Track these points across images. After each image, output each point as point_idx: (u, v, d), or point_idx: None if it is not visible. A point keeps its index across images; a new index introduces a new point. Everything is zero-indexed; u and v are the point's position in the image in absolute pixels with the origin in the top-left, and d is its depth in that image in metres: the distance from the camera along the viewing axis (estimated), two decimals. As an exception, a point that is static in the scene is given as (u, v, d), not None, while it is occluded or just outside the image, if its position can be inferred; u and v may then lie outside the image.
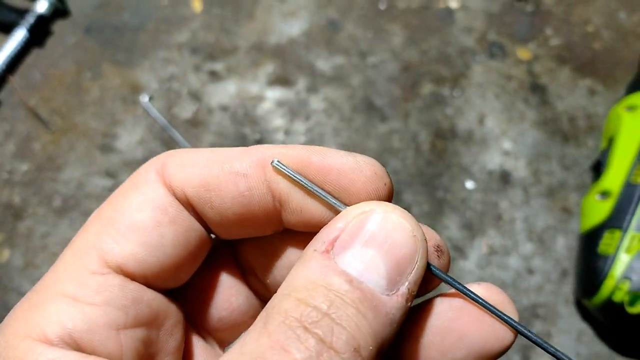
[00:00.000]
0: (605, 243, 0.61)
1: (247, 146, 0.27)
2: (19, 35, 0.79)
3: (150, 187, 0.26)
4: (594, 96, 0.78)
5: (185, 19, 0.82)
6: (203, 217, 0.27)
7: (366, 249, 0.22)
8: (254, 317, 0.31)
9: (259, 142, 0.73)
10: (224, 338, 0.31)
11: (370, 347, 0.21)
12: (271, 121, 0.75)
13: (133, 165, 0.72)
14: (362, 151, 0.72)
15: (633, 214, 0.61)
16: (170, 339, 0.26)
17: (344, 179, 0.25)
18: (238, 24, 0.82)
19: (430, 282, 0.27)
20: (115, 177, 0.71)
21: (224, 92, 0.77)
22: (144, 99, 0.76)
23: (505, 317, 0.25)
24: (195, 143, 0.73)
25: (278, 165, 0.25)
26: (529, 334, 0.25)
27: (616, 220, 0.62)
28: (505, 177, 0.72)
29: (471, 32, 0.82)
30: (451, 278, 0.25)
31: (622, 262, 0.59)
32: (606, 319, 0.61)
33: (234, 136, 0.74)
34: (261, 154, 0.26)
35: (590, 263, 0.62)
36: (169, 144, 0.73)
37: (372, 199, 0.25)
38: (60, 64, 0.79)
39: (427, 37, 0.82)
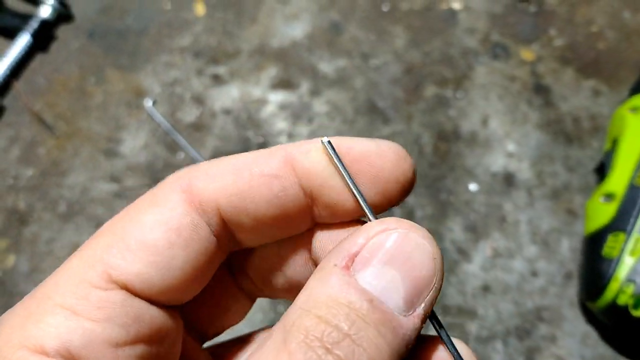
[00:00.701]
0: (610, 246, 0.61)
1: (251, 150, 0.27)
2: (23, 40, 0.79)
3: (168, 206, 0.25)
4: (598, 97, 0.77)
5: (188, 22, 0.82)
6: (236, 228, 0.27)
7: (387, 268, 0.22)
8: (239, 314, 0.31)
9: (262, 145, 0.73)
10: (210, 334, 0.31)
11: None
12: (274, 124, 0.75)
13: (137, 169, 0.72)
14: (365, 154, 0.72)
15: (637, 216, 0.61)
16: (169, 355, 0.26)
17: (372, 167, 0.25)
18: (241, 27, 0.82)
19: None
20: (119, 181, 0.72)
21: (227, 96, 0.77)
22: (148, 103, 0.76)
23: None
24: (198, 147, 0.74)
25: (328, 145, 0.25)
26: None
27: (620, 222, 0.62)
28: (509, 179, 0.72)
29: (474, 33, 0.82)
30: (444, 330, 0.26)
31: (626, 265, 0.59)
32: (610, 321, 0.61)
33: (237, 140, 0.74)
34: (286, 152, 0.26)
35: (594, 266, 0.62)
36: (173, 148, 0.74)
37: (401, 183, 0.26)
38: (64, 68, 0.79)
39: (430, 38, 0.82)
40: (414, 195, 0.71)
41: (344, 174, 0.25)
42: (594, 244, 0.63)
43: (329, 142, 0.25)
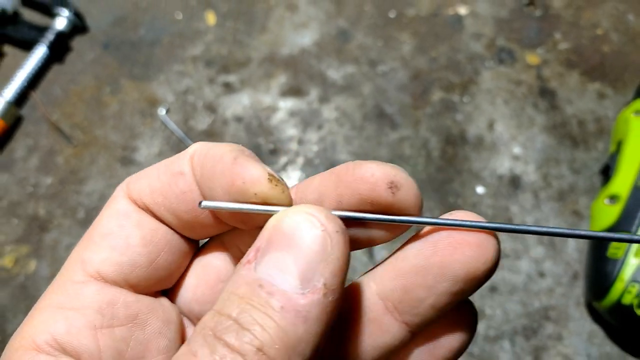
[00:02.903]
0: (615, 247, 0.62)
1: (262, 156, 0.29)
2: (40, 52, 0.81)
3: (116, 202, 0.29)
4: (603, 99, 0.79)
5: (199, 32, 0.85)
6: (166, 222, 0.29)
7: (278, 252, 0.23)
8: None
9: (273, 151, 0.75)
10: None
11: (277, 346, 0.22)
12: (284, 131, 0.77)
13: (152, 176, 0.74)
14: (374, 159, 0.73)
15: (642, 218, 0.62)
16: (160, 338, 0.28)
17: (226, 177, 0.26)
18: (251, 36, 0.84)
19: (394, 229, 0.27)
20: (135, 188, 0.74)
21: (238, 104, 0.79)
22: (161, 111, 0.78)
23: (478, 224, 0.25)
24: (211, 154, 0.76)
25: (207, 206, 0.26)
26: (508, 226, 0.25)
27: (625, 224, 0.63)
28: (515, 182, 0.74)
29: (480, 38, 0.83)
30: (403, 217, 0.26)
31: (630, 265, 0.60)
32: (616, 321, 0.62)
33: (248, 146, 0.75)
34: (193, 150, 0.28)
35: (599, 266, 0.63)
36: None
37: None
38: (80, 79, 0.82)
39: (437, 44, 0.83)
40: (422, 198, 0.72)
41: (239, 209, 0.26)
42: (599, 245, 0.64)
43: (205, 202, 0.26)
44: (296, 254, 0.23)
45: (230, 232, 0.31)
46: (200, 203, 0.26)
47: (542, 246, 0.70)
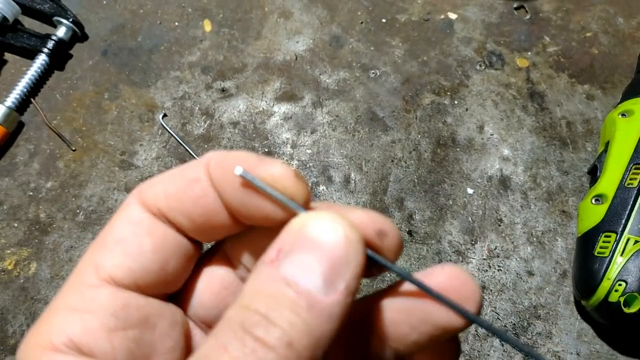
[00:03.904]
0: (602, 246, 0.64)
1: None
2: (40, 59, 0.83)
3: (129, 209, 0.30)
4: (592, 101, 0.80)
5: (196, 39, 0.86)
6: (179, 226, 0.30)
7: (304, 254, 0.25)
8: None
9: (268, 154, 0.77)
10: None
11: (304, 342, 0.23)
12: (279, 135, 0.79)
13: (150, 180, 0.76)
14: (366, 161, 0.75)
15: (627, 217, 0.63)
16: (166, 339, 0.30)
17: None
18: (246, 42, 0.86)
19: (376, 269, 0.29)
20: (133, 192, 0.76)
21: (234, 109, 0.81)
22: (159, 117, 0.80)
23: (461, 310, 0.26)
24: (207, 158, 0.77)
25: (244, 174, 0.27)
26: (485, 325, 0.26)
27: (611, 223, 0.64)
28: (505, 183, 0.75)
29: (470, 42, 0.85)
30: (398, 268, 0.27)
31: (617, 264, 0.62)
32: (603, 319, 0.64)
33: (244, 150, 0.78)
34: (208, 158, 0.29)
35: (586, 265, 0.64)
36: (184, 159, 0.77)
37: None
38: (80, 85, 0.84)
39: (428, 48, 0.85)
40: (413, 200, 0.74)
41: (266, 190, 0.27)
42: (586, 244, 0.65)
43: (245, 171, 0.27)
44: (320, 257, 0.24)
45: (234, 242, 0.33)
46: (236, 170, 0.27)
47: (531, 246, 0.71)
